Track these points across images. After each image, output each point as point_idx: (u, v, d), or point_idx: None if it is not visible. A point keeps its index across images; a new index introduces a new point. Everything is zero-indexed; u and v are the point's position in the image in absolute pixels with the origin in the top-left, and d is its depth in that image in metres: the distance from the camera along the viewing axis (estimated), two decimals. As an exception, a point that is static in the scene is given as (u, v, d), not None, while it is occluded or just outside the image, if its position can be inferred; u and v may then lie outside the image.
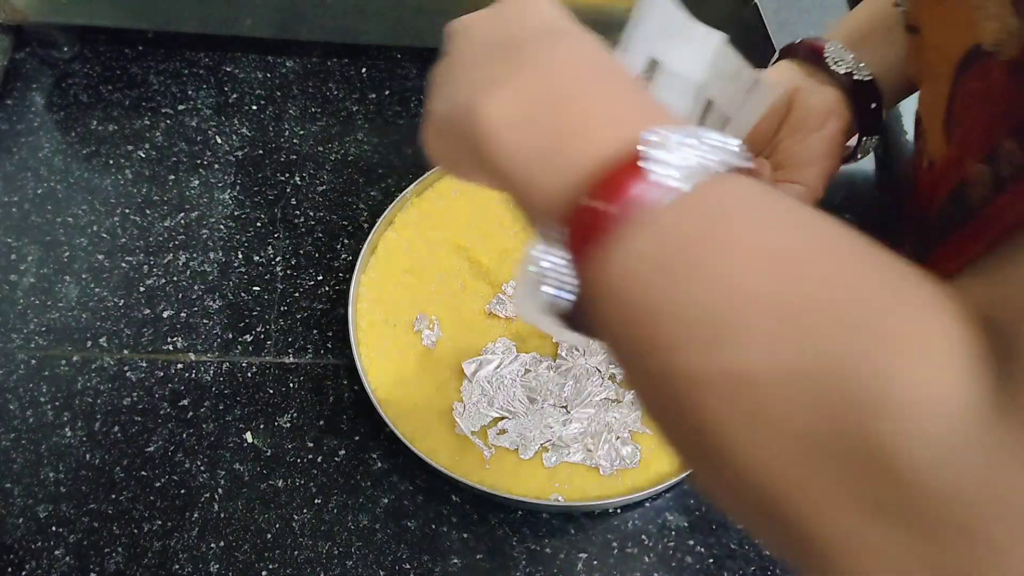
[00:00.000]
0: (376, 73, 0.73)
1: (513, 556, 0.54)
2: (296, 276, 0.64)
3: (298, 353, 0.61)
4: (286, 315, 0.62)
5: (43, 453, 0.57)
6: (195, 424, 0.58)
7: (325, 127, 0.70)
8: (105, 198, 0.66)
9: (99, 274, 0.63)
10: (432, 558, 0.54)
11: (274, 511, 0.55)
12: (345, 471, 0.56)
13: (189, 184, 0.67)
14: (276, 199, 0.67)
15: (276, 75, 0.73)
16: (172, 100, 0.71)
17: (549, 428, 0.55)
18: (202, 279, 0.63)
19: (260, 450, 0.57)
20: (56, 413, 0.58)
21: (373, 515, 0.55)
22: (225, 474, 0.56)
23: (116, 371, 0.59)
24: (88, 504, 0.55)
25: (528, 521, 0.55)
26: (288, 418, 0.58)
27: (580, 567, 0.54)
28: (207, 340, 0.61)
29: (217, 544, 0.54)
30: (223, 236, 0.65)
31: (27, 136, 0.69)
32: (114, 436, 0.57)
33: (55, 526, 0.54)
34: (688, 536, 0.55)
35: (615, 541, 0.55)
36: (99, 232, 0.65)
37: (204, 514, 0.55)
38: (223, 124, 0.70)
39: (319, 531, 0.54)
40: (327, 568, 0.53)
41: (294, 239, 0.65)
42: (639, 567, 0.54)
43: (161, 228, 0.65)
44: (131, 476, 0.56)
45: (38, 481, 0.56)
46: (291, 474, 0.56)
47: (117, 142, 0.69)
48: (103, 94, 0.71)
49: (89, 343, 0.60)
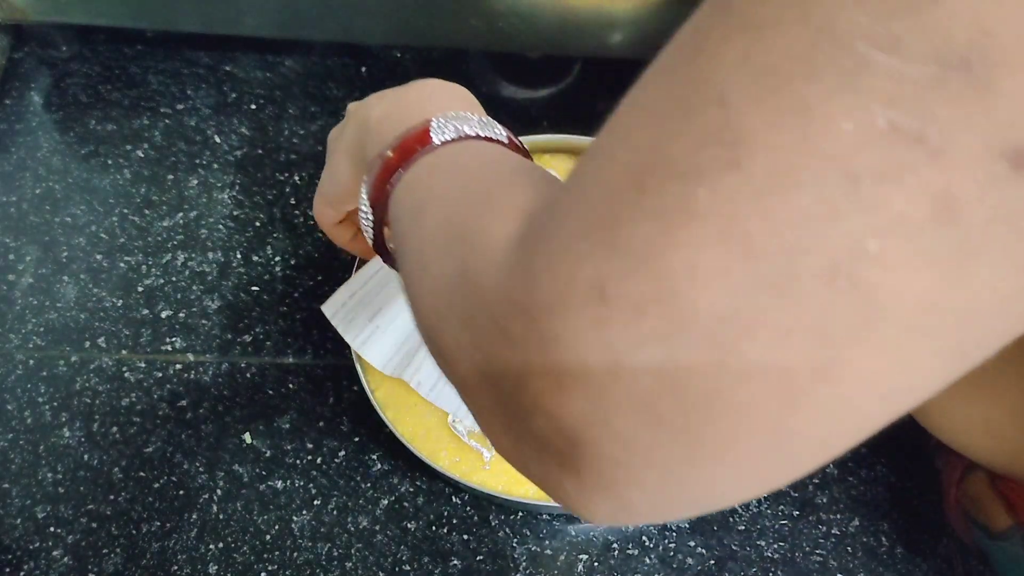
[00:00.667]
0: (376, 73, 0.73)
1: (514, 558, 0.54)
2: (296, 276, 0.63)
3: (298, 354, 0.60)
4: (285, 315, 0.62)
5: (41, 454, 0.56)
6: (194, 425, 0.58)
7: (325, 127, 0.70)
8: (104, 198, 0.66)
9: (97, 274, 0.63)
10: (432, 560, 0.54)
11: (273, 512, 0.55)
12: (345, 472, 0.56)
13: (188, 184, 0.67)
14: (275, 199, 0.67)
15: (276, 75, 0.72)
16: (171, 100, 0.71)
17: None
18: (201, 279, 0.63)
19: (259, 451, 0.57)
20: (54, 413, 0.58)
21: (373, 516, 0.55)
22: (224, 475, 0.56)
23: (114, 372, 0.59)
24: (86, 505, 0.55)
25: (529, 522, 0.55)
26: (287, 419, 0.58)
27: (581, 568, 0.54)
28: (206, 340, 0.61)
29: (216, 545, 0.54)
30: (222, 236, 0.65)
31: (26, 136, 0.69)
32: (112, 437, 0.57)
33: (53, 527, 0.54)
34: (689, 537, 0.55)
35: (616, 542, 0.55)
36: (98, 232, 0.65)
37: (203, 515, 0.55)
38: (222, 124, 0.70)
39: (318, 532, 0.54)
40: (326, 570, 0.53)
41: (293, 239, 0.65)
42: (640, 568, 0.54)
43: (160, 228, 0.65)
44: (129, 477, 0.56)
45: (36, 482, 0.55)
46: (290, 475, 0.56)
47: (116, 142, 0.69)
48: (102, 94, 0.71)
49: (87, 343, 0.60)
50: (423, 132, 0.39)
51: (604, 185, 0.23)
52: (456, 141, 0.39)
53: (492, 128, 0.40)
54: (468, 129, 0.39)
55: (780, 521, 0.55)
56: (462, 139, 0.39)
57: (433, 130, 0.39)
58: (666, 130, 0.22)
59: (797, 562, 0.54)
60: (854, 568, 0.54)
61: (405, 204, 0.37)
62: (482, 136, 0.39)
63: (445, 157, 0.38)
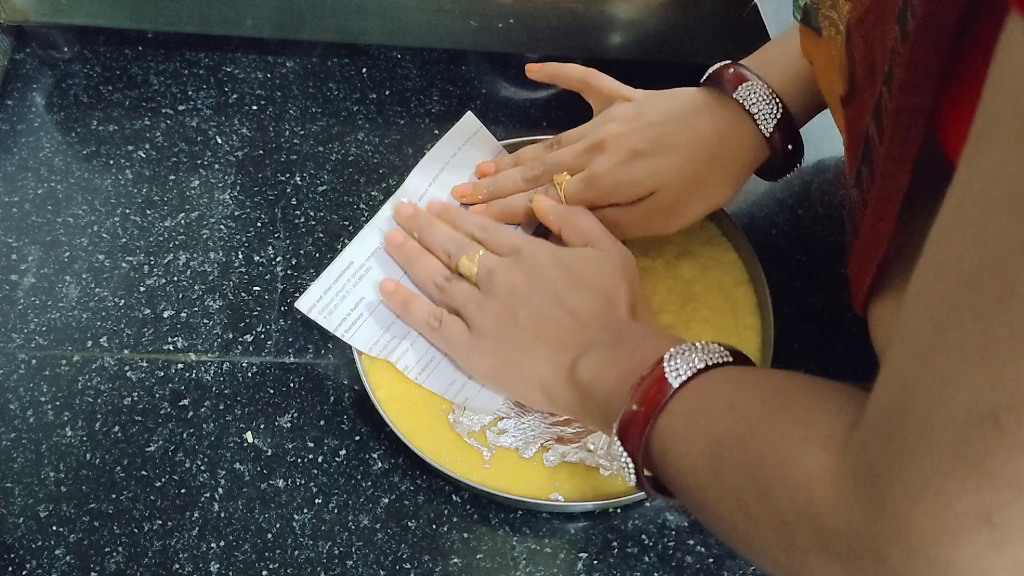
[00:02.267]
0: (376, 73, 0.73)
1: (513, 556, 0.54)
2: (296, 276, 0.64)
3: (298, 353, 0.61)
4: (286, 315, 0.62)
5: (43, 453, 0.57)
6: (195, 424, 0.58)
7: (325, 127, 0.70)
8: (105, 198, 0.66)
9: (99, 274, 0.63)
10: (432, 558, 0.54)
11: (274, 511, 0.55)
12: (345, 471, 0.57)
13: (189, 184, 0.67)
14: (276, 199, 0.67)
15: (276, 75, 0.73)
16: (172, 100, 0.71)
17: (549, 428, 0.55)
18: (202, 279, 0.63)
19: (260, 450, 0.57)
20: (56, 413, 0.58)
21: (373, 515, 0.55)
22: (225, 474, 0.56)
23: (116, 371, 0.59)
24: (88, 504, 0.55)
25: (528, 521, 0.55)
26: (288, 418, 0.58)
27: (580, 567, 0.54)
28: (207, 340, 0.61)
29: (217, 544, 0.54)
30: (223, 236, 0.65)
31: (27, 136, 0.69)
32: (114, 436, 0.57)
33: (55, 525, 0.54)
34: (688, 536, 0.55)
35: (615, 541, 0.55)
36: (99, 232, 0.65)
37: (204, 514, 0.55)
38: (223, 124, 0.70)
39: (319, 531, 0.55)
40: (327, 568, 0.53)
41: (294, 239, 0.65)
42: (639, 567, 0.54)
43: (161, 228, 0.65)
44: (131, 476, 0.56)
45: (38, 481, 0.56)
46: (291, 474, 0.56)
47: (117, 142, 0.69)
48: (103, 94, 0.71)
49: (89, 343, 0.60)
50: (660, 379, 0.41)
51: (950, 423, 0.26)
52: (693, 378, 0.41)
53: (712, 351, 0.42)
54: (699, 362, 0.42)
55: (779, 519, 0.56)
56: (697, 374, 0.41)
57: (668, 374, 0.41)
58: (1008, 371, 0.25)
59: (796, 560, 0.54)
60: (852, 566, 0.54)
61: (679, 451, 0.40)
62: (711, 364, 0.42)
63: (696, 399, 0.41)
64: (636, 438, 0.42)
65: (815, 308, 0.63)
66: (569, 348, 0.50)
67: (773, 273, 0.61)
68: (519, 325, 0.52)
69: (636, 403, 0.42)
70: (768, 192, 0.68)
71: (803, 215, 0.67)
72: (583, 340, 0.50)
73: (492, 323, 0.53)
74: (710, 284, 0.61)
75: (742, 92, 0.54)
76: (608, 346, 0.49)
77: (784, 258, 0.65)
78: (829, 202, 0.67)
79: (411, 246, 0.59)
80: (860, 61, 0.40)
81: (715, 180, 0.56)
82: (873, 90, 0.38)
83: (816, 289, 0.64)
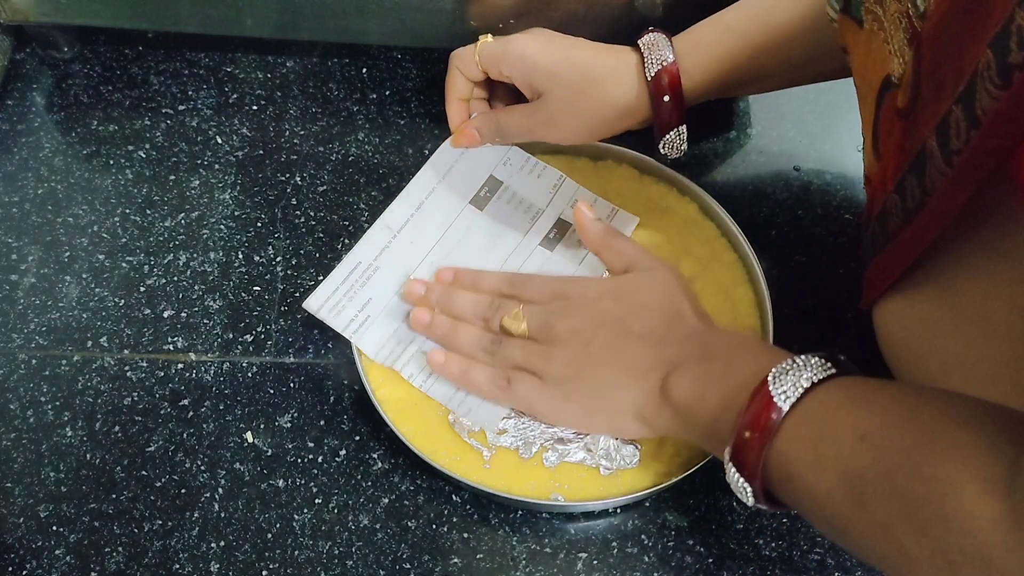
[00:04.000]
0: (376, 73, 0.73)
1: (513, 556, 0.54)
2: (296, 276, 0.64)
3: (298, 353, 0.61)
4: (286, 315, 0.62)
5: (43, 453, 0.57)
6: (195, 424, 0.58)
7: (325, 127, 0.70)
8: (106, 198, 0.66)
9: (99, 274, 0.63)
10: (432, 558, 0.54)
11: (274, 511, 0.55)
12: (345, 471, 0.57)
13: (189, 184, 0.67)
14: (276, 199, 0.67)
15: (276, 75, 0.73)
16: (172, 100, 0.71)
17: (549, 428, 0.55)
18: (202, 279, 0.63)
19: (260, 450, 0.57)
20: (56, 413, 0.58)
21: (373, 515, 0.55)
22: (225, 474, 0.56)
23: (116, 371, 0.60)
24: (88, 504, 0.55)
25: (528, 521, 0.55)
26: (288, 418, 0.58)
27: (580, 567, 0.54)
28: (207, 340, 0.61)
29: (217, 544, 0.54)
30: (223, 236, 0.65)
31: (27, 136, 0.69)
32: (114, 436, 0.57)
33: (55, 526, 0.54)
34: (688, 536, 0.55)
35: (615, 541, 0.55)
36: (99, 232, 0.65)
37: (204, 514, 0.55)
38: (223, 124, 0.70)
39: (319, 531, 0.55)
40: (327, 568, 0.53)
41: (294, 239, 0.65)
42: (639, 567, 0.54)
43: (161, 228, 0.65)
44: (131, 476, 0.56)
45: (38, 481, 0.56)
46: (291, 474, 0.56)
47: (117, 142, 0.69)
48: (103, 94, 0.71)
49: (89, 343, 0.60)
50: (768, 404, 0.41)
51: None
52: (803, 397, 0.41)
53: (815, 367, 0.42)
54: (805, 381, 0.41)
55: (778, 520, 0.56)
56: (806, 394, 0.41)
57: (776, 398, 0.41)
58: None
59: (795, 561, 0.54)
60: (851, 567, 0.54)
61: (807, 480, 0.40)
62: (816, 381, 0.41)
63: (814, 424, 0.40)
64: (753, 464, 0.42)
65: (815, 308, 0.63)
66: (654, 369, 0.49)
67: (773, 273, 0.61)
68: (595, 361, 0.51)
69: (748, 430, 0.41)
70: (768, 192, 0.68)
71: (803, 215, 0.67)
72: (666, 358, 0.49)
73: (566, 368, 0.52)
74: (710, 284, 0.61)
75: (645, 39, 0.59)
76: (696, 360, 0.48)
77: (784, 258, 0.65)
78: (829, 202, 0.67)
79: (440, 321, 0.57)
80: (926, 76, 0.39)
81: (599, 100, 0.59)
82: (938, 106, 0.38)
83: (816, 289, 0.64)
